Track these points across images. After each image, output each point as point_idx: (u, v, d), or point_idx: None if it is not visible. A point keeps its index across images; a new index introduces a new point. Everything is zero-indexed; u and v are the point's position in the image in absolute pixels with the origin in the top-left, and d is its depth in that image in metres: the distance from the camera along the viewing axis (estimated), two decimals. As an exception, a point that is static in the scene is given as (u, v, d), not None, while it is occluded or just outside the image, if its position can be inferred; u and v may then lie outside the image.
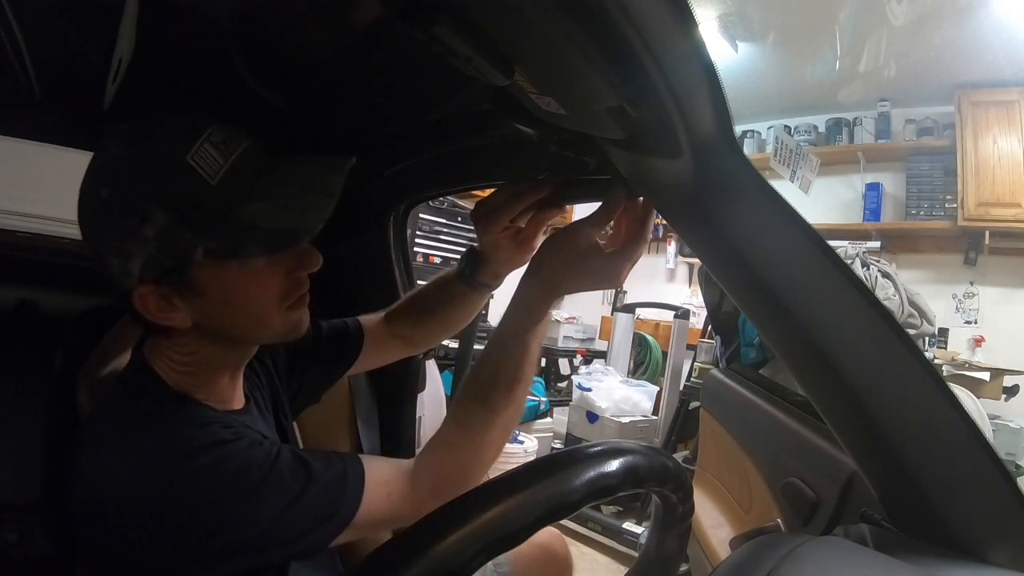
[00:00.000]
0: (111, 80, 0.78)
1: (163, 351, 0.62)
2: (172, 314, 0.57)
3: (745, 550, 0.49)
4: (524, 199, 0.72)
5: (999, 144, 2.99)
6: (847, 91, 3.33)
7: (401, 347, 0.95)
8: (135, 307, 0.57)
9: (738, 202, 0.52)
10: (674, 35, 0.38)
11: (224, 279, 0.57)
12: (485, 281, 0.82)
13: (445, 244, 3.72)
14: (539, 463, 0.36)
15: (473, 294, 0.84)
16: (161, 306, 0.56)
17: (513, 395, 0.62)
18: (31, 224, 1.79)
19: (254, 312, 0.60)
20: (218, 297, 0.57)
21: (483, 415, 0.62)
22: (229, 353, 0.64)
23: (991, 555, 0.52)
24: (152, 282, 0.55)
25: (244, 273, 0.57)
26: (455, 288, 0.85)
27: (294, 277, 0.61)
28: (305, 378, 0.86)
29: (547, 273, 0.63)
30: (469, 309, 0.89)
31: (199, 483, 0.52)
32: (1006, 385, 2.76)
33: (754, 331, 1.82)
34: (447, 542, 0.31)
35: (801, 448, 1.05)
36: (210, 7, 0.62)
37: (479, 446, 0.62)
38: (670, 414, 2.97)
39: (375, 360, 0.94)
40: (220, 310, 0.58)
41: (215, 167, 0.55)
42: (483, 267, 0.81)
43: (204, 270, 0.55)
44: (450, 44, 0.41)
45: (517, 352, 0.63)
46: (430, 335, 0.93)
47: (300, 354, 0.85)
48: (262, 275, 0.58)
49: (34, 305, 1.05)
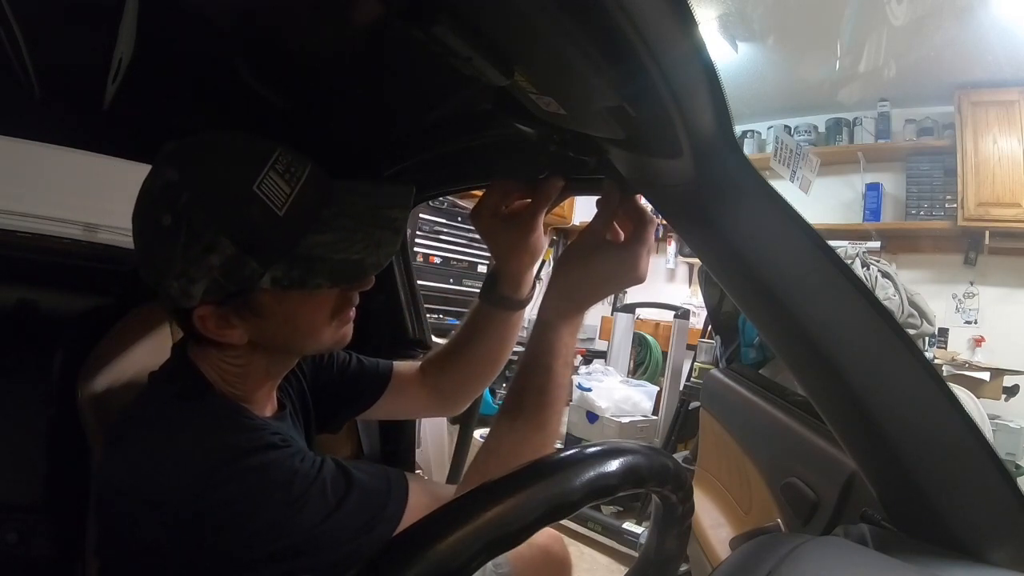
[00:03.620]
0: (111, 80, 0.78)
1: (211, 358, 0.62)
2: (229, 332, 0.58)
3: (745, 550, 0.49)
4: (514, 183, 0.71)
5: (999, 144, 2.99)
6: (847, 91, 3.33)
7: (428, 399, 0.88)
8: (194, 326, 0.57)
9: (738, 202, 0.52)
10: (674, 35, 0.38)
11: (285, 302, 0.57)
12: (505, 293, 0.77)
13: (445, 244, 3.72)
14: (539, 463, 0.36)
15: (497, 314, 0.79)
16: (220, 324, 0.57)
17: (540, 420, 0.60)
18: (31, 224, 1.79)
19: (308, 329, 0.61)
20: (277, 318, 0.58)
21: (512, 441, 0.60)
22: (276, 365, 0.65)
23: (991, 555, 0.52)
24: (213, 303, 0.55)
25: (305, 296, 0.58)
26: (479, 312, 0.80)
27: (347, 296, 0.62)
28: (320, 404, 0.83)
29: (563, 288, 0.62)
30: (497, 337, 0.81)
31: (243, 485, 0.52)
32: (1006, 385, 2.76)
33: (754, 331, 1.82)
34: (447, 542, 0.31)
35: (801, 448, 1.05)
36: (210, 7, 0.62)
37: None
38: (670, 414, 2.96)
39: (399, 410, 0.89)
40: (277, 330, 0.59)
41: (282, 197, 0.54)
42: (499, 277, 0.77)
43: (266, 295, 0.56)
44: (450, 44, 0.41)
45: (540, 376, 0.60)
46: (462, 383, 0.87)
47: (323, 374, 0.84)
48: (322, 298, 0.60)
49: (34, 305, 1.05)
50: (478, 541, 0.31)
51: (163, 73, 0.79)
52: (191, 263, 0.53)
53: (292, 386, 0.77)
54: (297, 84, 0.79)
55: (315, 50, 0.71)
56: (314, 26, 0.65)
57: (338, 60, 0.72)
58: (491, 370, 0.86)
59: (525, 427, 0.60)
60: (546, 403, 0.60)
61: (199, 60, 0.76)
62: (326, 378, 0.83)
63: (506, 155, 0.92)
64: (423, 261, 3.59)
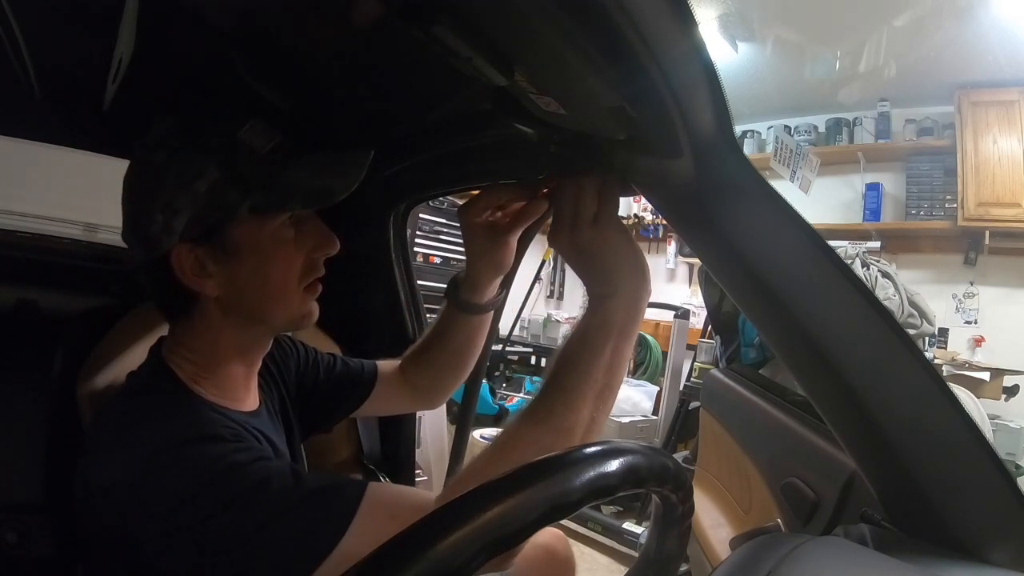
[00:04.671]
0: (111, 80, 0.78)
1: (180, 344, 0.64)
2: (204, 280, 0.61)
3: (745, 550, 0.49)
4: (510, 190, 0.70)
5: (999, 144, 2.99)
6: (847, 91, 3.33)
7: (409, 396, 0.91)
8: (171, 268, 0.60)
9: (738, 202, 0.52)
10: (674, 35, 0.38)
11: (257, 243, 0.61)
12: (464, 296, 0.77)
13: (445, 244, 3.72)
14: (539, 463, 0.36)
15: (460, 317, 0.80)
16: (195, 269, 0.60)
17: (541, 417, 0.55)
18: (31, 224, 1.79)
19: (276, 284, 0.64)
20: (249, 262, 0.61)
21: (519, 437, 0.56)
22: (248, 340, 0.67)
23: (991, 555, 0.52)
24: (191, 241, 0.59)
25: (275, 242, 0.62)
26: (445, 312, 0.82)
27: (314, 257, 0.66)
28: (307, 408, 0.85)
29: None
30: (463, 337, 0.83)
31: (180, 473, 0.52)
32: (1006, 385, 2.76)
33: (754, 331, 1.82)
34: (447, 542, 0.31)
35: (801, 448, 1.05)
36: (210, 7, 0.62)
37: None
38: (670, 414, 2.96)
39: (383, 408, 0.92)
40: (248, 278, 0.62)
41: (261, 144, 0.62)
42: (462, 280, 0.78)
43: (242, 230, 0.60)
44: (450, 44, 0.41)
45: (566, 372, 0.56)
46: (436, 379, 0.89)
47: (307, 378, 0.85)
48: (289, 247, 0.63)
49: (34, 305, 1.05)
50: (478, 541, 0.31)
51: (163, 73, 0.79)
52: (178, 192, 0.58)
53: (272, 389, 0.78)
54: (297, 84, 0.79)
55: (315, 50, 0.71)
56: (314, 26, 0.65)
57: (338, 60, 0.72)
58: (461, 367, 0.88)
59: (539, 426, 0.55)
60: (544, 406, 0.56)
61: (199, 60, 0.76)
62: (311, 382, 0.85)
63: (506, 155, 0.92)
64: (423, 261, 3.60)
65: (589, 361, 0.56)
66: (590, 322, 0.57)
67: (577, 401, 0.55)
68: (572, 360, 0.56)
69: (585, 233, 0.57)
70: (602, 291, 0.57)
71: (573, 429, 0.54)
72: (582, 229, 0.57)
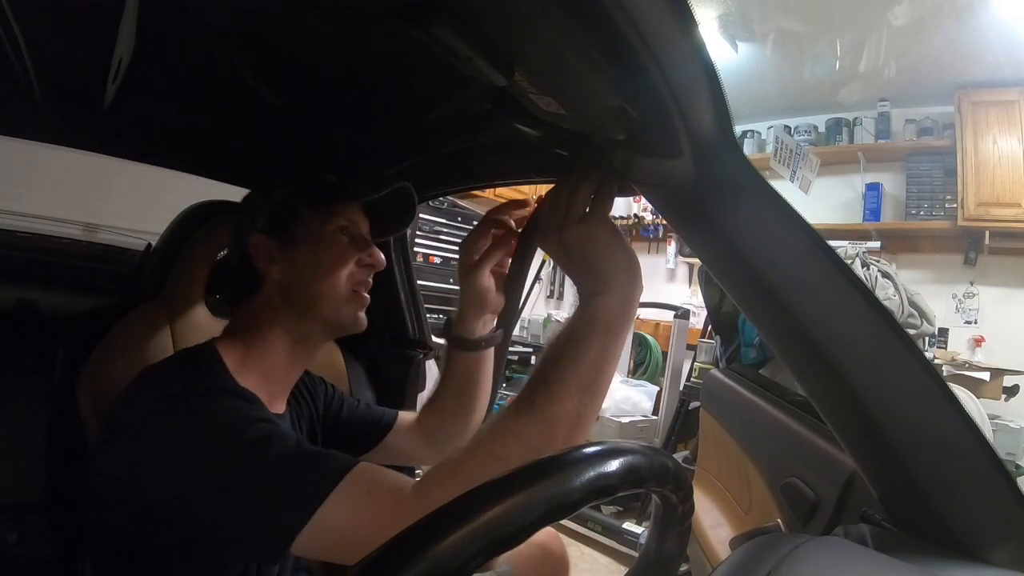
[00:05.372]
0: (111, 80, 0.78)
1: (238, 328, 0.74)
2: (270, 266, 0.73)
3: (745, 550, 0.49)
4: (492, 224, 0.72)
5: (999, 144, 2.99)
6: (847, 91, 3.33)
7: (423, 444, 0.91)
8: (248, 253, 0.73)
9: (738, 202, 0.52)
10: (674, 35, 0.38)
11: (317, 237, 0.73)
12: (455, 331, 0.77)
13: (445, 244, 3.72)
14: (539, 463, 0.36)
15: (457, 354, 0.80)
16: (264, 255, 0.73)
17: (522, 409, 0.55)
18: (31, 224, 1.79)
19: (327, 272, 0.73)
20: (307, 251, 0.73)
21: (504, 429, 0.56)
22: (297, 331, 0.74)
23: (991, 555, 0.52)
24: (265, 232, 0.73)
25: (331, 239, 0.74)
26: (446, 354, 0.82)
27: (362, 267, 0.75)
28: (326, 441, 0.88)
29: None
30: (464, 375, 0.82)
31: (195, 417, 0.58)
32: (1006, 385, 2.76)
33: (754, 331, 1.83)
34: (447, 542, 0.31)
35: (801, 448, 1.05)
36: (210, 7, 0.62)
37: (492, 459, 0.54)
38: (670, 414, 2.96)
39: (401, 456, 0.93)
40: (304, 264, 0.73)
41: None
42: (454, 316, 0.77)
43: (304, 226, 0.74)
44: (450, 44, 0.41)
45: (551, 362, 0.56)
46: (442, 426, 0.88)
47: (331, 413, 0.90)
48: (343, 246, 0.74)
49: (34, 305, 1.05)
50: (478, 541, 0.31)
51: (163, 73, 0.79)
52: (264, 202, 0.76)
53: (302, 407, 0.84)
54: (297, 84, 0.79)
55: (315, 50, 0.71)
56: (314, 26, 0.65)
57: (338, 60, 0.72)
58: (465, 411, 0.85)
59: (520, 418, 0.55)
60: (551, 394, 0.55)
61: (199, 60, 0.76)
62: (334, 418, 0.91)
63: (506, 155, 0.92)
64: (423, 261, 3.59)
65: (573, 356, 0.56)
66: (578, 319, 0.57)
67: (559, 393, 0.55)
68: (557, 354, 0.56)
69: (572, 232, 0.57)
70: (592, 289, 0.57)
71: (555, 421, 0.54)
72: (570, 228, 0.57)
